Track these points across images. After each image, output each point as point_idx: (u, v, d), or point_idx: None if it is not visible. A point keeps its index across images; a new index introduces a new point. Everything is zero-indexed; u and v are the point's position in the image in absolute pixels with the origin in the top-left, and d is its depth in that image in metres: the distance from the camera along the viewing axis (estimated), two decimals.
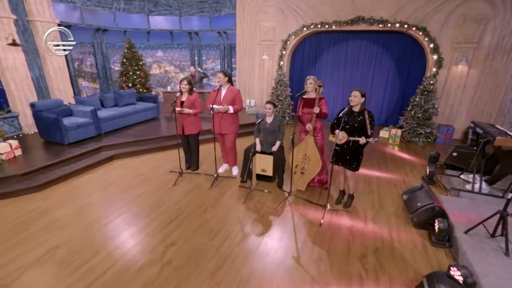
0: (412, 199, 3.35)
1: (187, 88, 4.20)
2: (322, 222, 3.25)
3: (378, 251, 2.78)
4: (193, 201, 3.71)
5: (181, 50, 10.02)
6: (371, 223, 3.26)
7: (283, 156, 4.03)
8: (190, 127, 4.33)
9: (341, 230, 3.14)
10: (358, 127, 3.17)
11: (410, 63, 7.05)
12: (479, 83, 6.21)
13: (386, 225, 3.22)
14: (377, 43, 7.26)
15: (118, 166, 4.84)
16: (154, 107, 7.16)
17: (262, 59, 8.09)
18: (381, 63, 7.40)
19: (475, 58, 6.10)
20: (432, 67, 6.37)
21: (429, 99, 6.09)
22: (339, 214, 3.46)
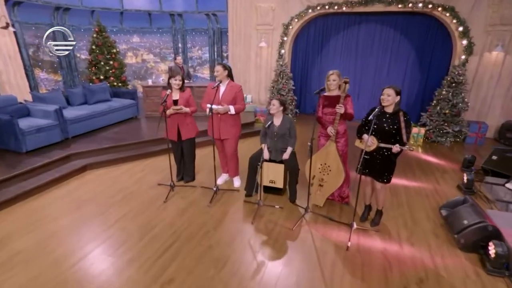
0: (454, 216, 3.25)
1: (180, 83, 4.00)
2: (349, 245, 3.12)
3: (423, 283, 2.65)
4: (191, 222, 3.51)
5: (161, 35, 9.74)
6: (407, 245, 3.15)
7: (296, 165, 3.88)
8: (188, 129, 4.14)
9: (373, 255, 3.01)
10: (390, 131, 3.05)
11: (433, 50, 7.02)
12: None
13: (426, 248, 3.11)
14: (395, 26, 7.21)
15: (92, 179, 4.58)
16: (133, 104, 6.90)
17: (260, 47, 7.91)
18: (399, 50, 7.36)
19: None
20: (461, 54, 6.34)
21: (458, 92, 6.06)
22: (368, 234, 3.34)
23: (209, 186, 4.31)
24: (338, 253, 3.04)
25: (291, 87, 7.48)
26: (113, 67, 7.97)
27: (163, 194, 4.12)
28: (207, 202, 3.94)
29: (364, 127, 3.27)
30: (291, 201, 3.99)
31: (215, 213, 3.73)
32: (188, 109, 4.01)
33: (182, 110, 3.94)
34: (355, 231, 3.34)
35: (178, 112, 3.98)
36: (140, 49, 9.98)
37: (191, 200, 4.02)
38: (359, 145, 3.36)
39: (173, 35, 9.42)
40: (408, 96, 7.58)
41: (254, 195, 4.13)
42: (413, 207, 3.90)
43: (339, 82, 3.62)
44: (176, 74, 4.00)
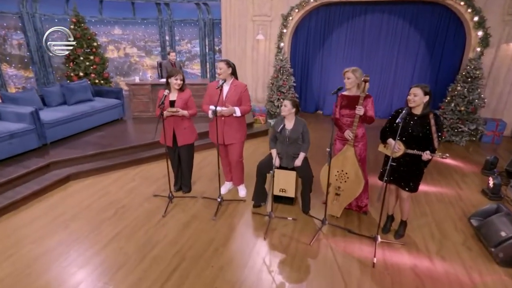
0: (488, 227, 3.20)
1: (181, 83, 3.83)
2: (375, 261, 3.03)
3: None
4: (196, 239, 3.36)
5: (146, 26, 9.50)
6: (438, 260, 3.08)
7: (310, 172, 3.77)
8: (185, 135, 3.97)
9: (403, 272, 2.92)
10: (418, 135, 2.96)
11: (445, 42, 7.04)
12: None
13: (459, 263, 3.05)
14: (404, 17, 7.19)
15: (78, 191, 4.37)
16: (118, 105, 6.67)
17: (256, 40, 7.78)
18: (408, 43, 7.36)
19: None
20: (476, 47, 6.36)
21: (475, 87, 6.07)
22: (393, 248, 3.26)
23: (212, 196, 4.17)
24: (364, 271, 2.95)
25: (292, 84, 7.38)
26: (94, 62, 7.70)
27: (160, 207, 3.95)
28: (212, 215, 3.79)
29: (388, 131, 3.18)
30: (304, 211, 3.89)
31: (221, 227, 3.58)
32: (186, 112, 3.83)
33: (178, 112, 3.76)
34: (379, 244, 3.25)
35: (174, 115, 3.80)
36: (122, 42, 9.71)
37: (193, 213, 3.86)
38: (383, 150, 3.28)
39: (160, 26, 9.19)
40: None
41: (262, 205, 4.01)
42: (437, 216, 3.85)
43: (357, 80, 3.52)
44: (176, 72, 3.81)
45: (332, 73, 8.04)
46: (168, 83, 3.87)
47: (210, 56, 9.20)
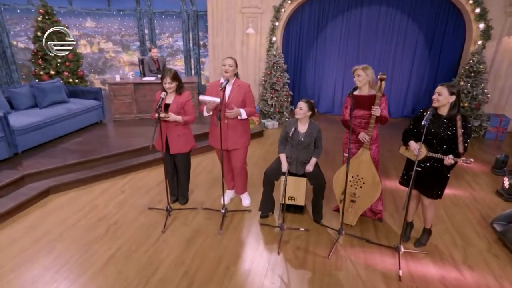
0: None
1: (174, 86, 3.64)
2: (401, 274, 2.98)
3: None
4: (203, 257, 3.20)
5: (123, 18, 9.16)
6: (466, 270, 3.07)
7: (323, 178, 3.69)
8: (179, 142, 3.78)
9: (432, 286, 2.89)
10: (444, 138, 2.93)
11: (444, 35, 7.16)
12: None
13: (488, 272, 3.05)
14: (402, 9, 7.26)
15: (60, 206, 4.10)
16: (97, 106, 6.37)
17: (246, 34, 7.64)
18: (406, 36, 7.44)
19: None
20: (477, 40, 6.48)
21: (478, 82, 6.18)
22: (417, 258, 3.23)
23: (213, 207, 4.03)
24: (390, 286, 2.89)
25: (286, 80, 7.29)
26: (66, 59, 7.33)
27: (158, 221, 3.77)
28: (216, 228, 3.65)
29: (412, 132, 3.14)
30: (316, 221, 3.81)
31: (229, 242, 3.45)
32: (179, 118, 3.61)
33: (169, 118, 3.56)
34: (402, 254, 3.20)
35: (166, 120, 3.61)
36: (95, 36, 9.33)
37: (196, 227, 3.70)
38: (405, 152, 3.24)
39: (138, 18, 8.87)
40: (416, 87, 7.71)
41: (270, 215, 3.91)
42: (456, 220, 3.86)
43: (367, 78, 3.47)
44: (165, 74, 3.60)
45: (327, 69, 8.03)
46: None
47: (195, 51, 8.97)
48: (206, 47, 9.09)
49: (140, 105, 6.61)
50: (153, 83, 6.52)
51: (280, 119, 7.30)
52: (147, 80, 6.52)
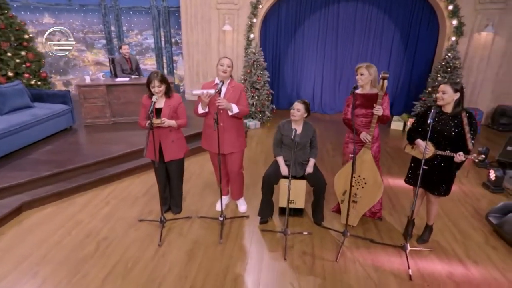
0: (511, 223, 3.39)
1: (163, 89, 3.46)
2: (411, 273, 3.04)
3: None
4: (208, 270, 3.08)
5: (86, 14, 8.67)
6: (471, 264, 3.19)
7: (323, 179, 3.68)
8: (173, 149, 3.62)
9: (442, 283, 2.97)
10: (450, 136, 3.02)
11: (419, 32, 7.43)
12: (505, 54, 6.85)
13: (491, 264, 3.18)
14: (378, 5, 7.46)
15: (38, 224, 3.79)
16: (66, 111, 5.97)
17: (223, 31, 7.52)
18: (383, 33, 7.64)
19: (501, 23, 6.67)
20: (450, 36, 6.79)
21: (455, 77, 6.48)
22: (422, 256, 3.31)
23: (208, 215, 3.91)
24: (403, 286, 2.93)
25: (266, 79, 7.25)
26: (26, 59, 6.81)
27: (151, 234, 3.59)
28: (215, 237, 3.54)
29: (417, 131, 3.21)
30: (317, 223, 3.81)
31: (233, 252, 3.35)
32: (173, 122, 3.46)
33: (164, 123, 3.40)
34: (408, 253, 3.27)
35: (160, 126, 3.44)
36: (55, 33, 8.76)
37: (194, 237, 3.57)
38: (411, 151, 3.31)
39: (104, 15, 8.44)
40: (394, 83, 7.94)
41: (269, 220, 3.86)
42: (451, 215, 4.01)
43: (370, 77, 3.51)
44: (152, 78, 3.40)
45: (306, 66, 8.08)
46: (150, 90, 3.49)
47: (167, 49, 8.69)
48: (178, 44, 8.85)
49: (114, 108, 6.30)
50: (127, 84, 6.22)
51: (262, 118, 7.25)
52: (121, 81, 6.21)
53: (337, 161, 5.39)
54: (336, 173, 3.73)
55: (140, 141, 5.31)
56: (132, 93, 6.28)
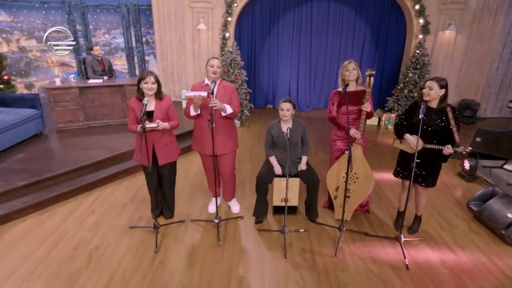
0: (492, 209, 3.62)
1: (155, 88, 3.36)
2: (407, 262, 3.17)
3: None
4: (211, 273, 3.03)
5: (47, 12, 8.19)
6: (459, 251, 3.37)
7: (316, 175, 3.74)
8: (167, 152, 3.52)
9: (437, 270, 3.12)
10: (437, 130, 3.17)
11: (389, 30, 7.72)
12: (466, 51, 7.29)
13: (477, 249, 3.38)
14: (349, 4, 7.65)
15: (19, 238, 3.53)
16: (36, 115, 5.61)
17: (197, 30, 7.41)
18: (355, 31, 7.86)
19: (462, 22, 7.10)
20: (418, 34, 7.11)
21: (424, 73, 6.81)
22: (414, 245, 3.46)
23: (201, 217, 3.88)
24: (401, 276, 3.04)
25: (244, 78, 7.22)
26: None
27: (145, 240, 3.48)
28: (212, 240, 3.50)
29: (403, 126, 3.34)
30: (311, 220, 3.86)
31: (232, 253, 3.32)
32: (167, 125, 3.38)
33: (159, 126, 3.30)
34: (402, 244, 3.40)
35: (155, 130, 3.34)
36: (13, 32, 8.19)
37: (190, 241, 3.50)
38: (399, 146, 3.44)
39: (68, 13, 8.01)
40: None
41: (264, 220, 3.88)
42: (434, 205, 4.21)
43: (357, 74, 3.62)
44: (147, 74, 3.32)
45: (281, 64, 8.15)
46: (139, 90, 3.38)
47: (138, 49, 8.41)
48: (149, 44, 8.60)
49: (87, 111, 6.01)
50: (101, 86, 5.96)
51: (241, 117, 7.23)
52: (94, 83, 5.94)
53: (320, 158, 5.50)
54: (320, 169, 3.82)
55: (120, 145, 5.13)
56: (107, 95, 6.03)
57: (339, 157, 3.75)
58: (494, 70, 7.53)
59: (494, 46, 7.35)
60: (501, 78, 7.76)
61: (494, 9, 7.06)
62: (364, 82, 3.62)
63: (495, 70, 7.54)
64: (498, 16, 7.16)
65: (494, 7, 7.02)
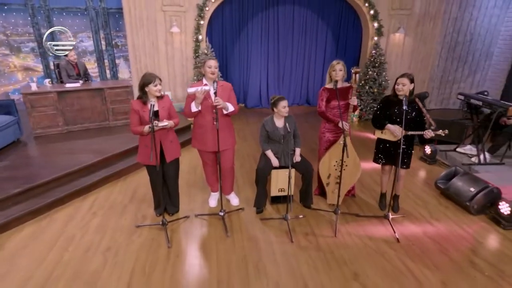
0: (456, 186, 4.04)
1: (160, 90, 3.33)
2: (397, 236, 3.45)
3: (477, 252, 3.25)
4: (227, 263, 3.06)
5: (8, 14, 7.55)
6: (436, 222, 3.73)
7: (310, 165, 3.90)
8: (172, 148, 3.49)
9: (422, 240, 3.43)
10: (410, 118, 3.48)
11: (347, 32, 8.14)
12: (413, 51, 7.92)
13: (449, 220, 3.77)
14: (312, 9, 7.94)
15: (23, 246, 3.29)
16: (12, 122, 5.20)
17: (170, 33, 7.27)
18: (318, 33, 8.19)
19: (409, 25, 7.71)
20: (373, 36, 7.59)
21: (381, 71, 7.30)
22: (398, 221, 3.75)
23: (204, 212, 3.92)
24: (395, 248, 3.31)
25: (219, 78, 7.21)
26: None
27: (155, 237, 3.42)
28: (221, 232, 3.53)
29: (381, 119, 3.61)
30: (307, 206, 4.03)
31: (242, 242, 3.38)
32: (172, 123, 3.38)
33: (167, 125, 3.29)
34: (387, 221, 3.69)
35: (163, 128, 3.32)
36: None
37: (200, 235, 3.51)
38: (381, 135, 3.71)
39: (31, 15, 7.43)
40: None
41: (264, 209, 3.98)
42: (407, 186, 4.54)
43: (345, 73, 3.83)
44: (154, 77, 3.27)
45: (251, 65, 8.26)
46: (144, 92, 3.32)
47: (109, 52, 8.04)
48: (119, 47, 8.25)
49: (66, 116, 5.67)
50: (80, 90, 5.65)
51: None
52: (73, 87, 5.62)
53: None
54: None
55: (107, 148, 4.96)
56: (87, 99, 5.74)
57: (328, 148, 3.95)
58: (435, 68, 8.26)
59: (435, 46, 8.06)
60: (441, 74, 8.54)
61: (433, 14, 7.74)
62: (350, 79, 3.84)
63: (436, 67, 8.28)
64: (436, 21, 7.86)
65: (433, 13, 7.69)
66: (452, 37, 8.18)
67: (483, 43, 8.23)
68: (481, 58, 8.40)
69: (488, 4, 7.82)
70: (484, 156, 4.79)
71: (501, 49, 8.11)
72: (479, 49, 8.30)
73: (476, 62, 8.43)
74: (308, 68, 8.45)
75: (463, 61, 8.43)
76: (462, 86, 8.56)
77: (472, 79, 8.59)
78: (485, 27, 8.06)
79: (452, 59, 8.38)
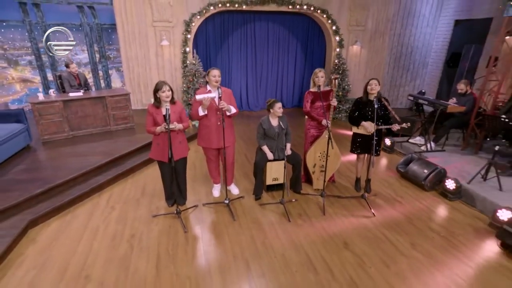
0: (413, 169, 4.43)
1: (171, 95, 3.39)
2: (373, 211, 3.75)
3: (432, 219, 3.63)
4: (238, 241, 3.21)
5: (6, 30, 7.13)
6: (402, 200, 4.08)
7: (299, 157, 4.11)
8: (180, 148, 3.55)
9: (393, 214, 3.76)
10: (379, 114, 3.80)
11: (313, 45, 8.48)
12: (368, 61, 8.40)
13: (412, 198, 4.13)
14: (283, 25, 8.18)
15: (54, 238, 3.24)
16: (23, 130, 4.97)
17: (161, 46, 7.23)
18: (289, 46, 8.46)
19: (363, 40, 8.17)
20: (336, 48, 7.98)
21: (344, 77, 7.69)
22: (372, 200, 4.05)
23: (211, 201, 4.02)
24: (374, 222, 3.59)
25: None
26: None
27: (172, 225, 3.49)
28: (228, 217, 3.66)
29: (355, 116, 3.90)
30: (297, 192, 4.23)
31: (248, 224, 3.54)
32: (181, 126, 3.45)
33: (176, 128, 3.36)
34: (364, 200, 3.99)
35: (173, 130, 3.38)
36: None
37: (210, 220, 3.62)
38: (358, 130, 3.99)
39: (29, 31, 7.06)
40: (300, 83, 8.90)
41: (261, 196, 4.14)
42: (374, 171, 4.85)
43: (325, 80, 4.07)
44: (162, 84, 3.33)
45: (233, 74, 8.37)
46: (156, 98, 3.37)
47: (103, 64, 7.81)
48: (111, 59, 8.04)
49: (72, 122, 5.50)
50: (83, 98, 5.50)
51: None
52: (76, 96, 5.46)
53: None
54: None
55: (114, 150, 4.90)
56: (90, 107, 5.60)
57: (313, 142, 4.18)
58: (385, 74, 8.82)
59: (384, 57, 8.60)
60: (390, 80, 9.11)
61: (382, 31, 8.25)
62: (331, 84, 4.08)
63: (386, 74, 8.84)
64: (385, 36, 8.38)
65: (382, 29, 8.21)
66: (397, 50, 8.76)
67: (421, 54, 8.88)
68: (419, 67, 9.05)
69: (423, 24, 8.48)
70: (430, 145, 5.24)
71: (434, 59, 8.81)
72: (418, 59, 8.94)
73: (416, 70, 9.07)
74: (281, 75, 8.70)
75: (406, 69, 9.04)
76: (406, 89, 9.18)
77: (414, 83, 9.23)
78: (421, 42, 8.70)
79: (398, 67, 8.97)
